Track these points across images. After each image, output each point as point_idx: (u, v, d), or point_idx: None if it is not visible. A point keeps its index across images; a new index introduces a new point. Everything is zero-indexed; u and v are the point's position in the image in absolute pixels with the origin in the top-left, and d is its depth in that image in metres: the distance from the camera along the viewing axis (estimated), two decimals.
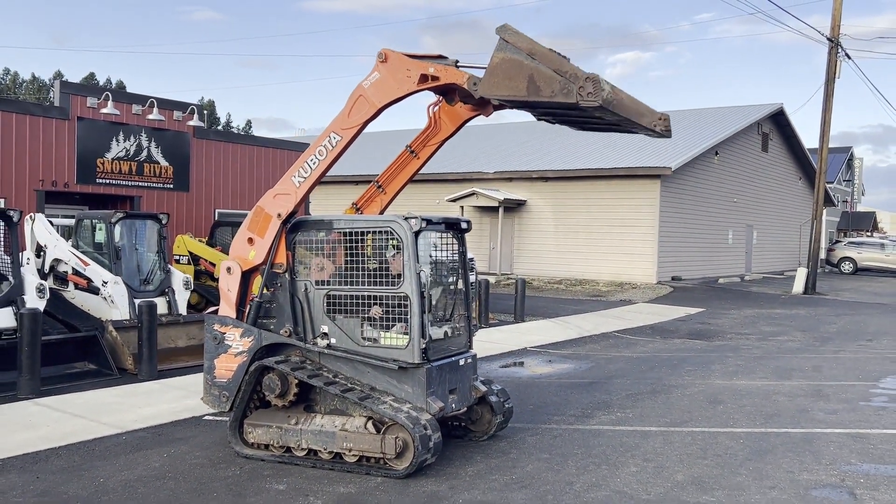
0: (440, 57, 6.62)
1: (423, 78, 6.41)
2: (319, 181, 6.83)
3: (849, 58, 24.69)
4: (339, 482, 6.06)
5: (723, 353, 12.99)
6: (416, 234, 6.35)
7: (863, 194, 62.38)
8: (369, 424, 6.25)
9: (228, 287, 7.00)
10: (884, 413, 8.69)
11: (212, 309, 8.05)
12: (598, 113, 5.96)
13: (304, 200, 6.79)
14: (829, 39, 24.30)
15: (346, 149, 6.74)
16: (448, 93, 6.86)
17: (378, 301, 6.47)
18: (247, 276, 7.03)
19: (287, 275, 6.77)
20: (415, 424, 6.05)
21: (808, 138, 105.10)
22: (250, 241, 6.90)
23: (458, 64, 6.49)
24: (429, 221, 6.54)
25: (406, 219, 6.37)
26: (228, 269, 7.01)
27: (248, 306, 6.96)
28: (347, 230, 6.68)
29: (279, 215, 6.74)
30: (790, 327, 16.61)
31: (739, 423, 8.15)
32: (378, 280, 6.49)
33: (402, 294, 6.32)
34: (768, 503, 5.75)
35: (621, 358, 12.34)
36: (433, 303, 6.88)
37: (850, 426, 8.07)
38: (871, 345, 14.15)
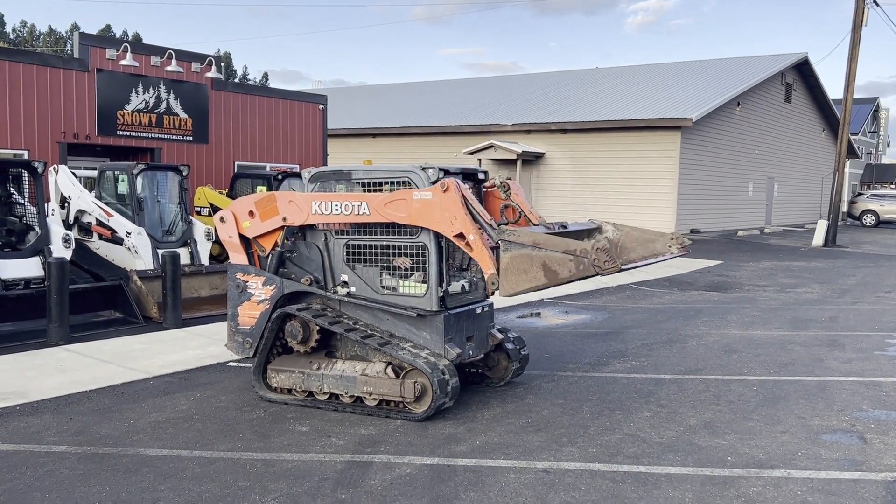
0: (493, 227, 6.19)
1: (461, 236, 6.15)
2: (328, 223, 6.77)
3: (876, 4, 24.08)
4: (359, 424, 6.25)
5: (740, 304, 13.04)
6: (434, 184, 6.41)
7: (888, 146, 61.32)
8: (389, 369, 6.42)
9: (229, 234, 7.18)
10: None
11: None
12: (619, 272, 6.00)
13: (310, 227, 6.85)
14: None
15: (367, 224, 6.61)
16: None
17: (398, 251, 6.58)
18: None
19: (272, 258, 6.98)
20: (433, 369, 6.21)
21: (833, 89, 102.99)
22: (251, 213, 7.04)
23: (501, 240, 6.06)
24: (446, 171, 6.60)
25: (424, 169, 6.43)
26: (222, 219, 7.19)
27: (269, 256, 7.11)
28: (366, 180, 6.76)
29: (284, 219, 6.87)
30: (808, 279, 16.60)
31: (753, 372, 8.26)
32: (396, 230, 6.59)
33: (420, 244, 6.42)
34: (779, 447, 5.88)
35: (638, 309, 12.44)
36: (451, 253, 6.99)
37: (864, 374, 8.16)
38: (890, 296, 14.14)
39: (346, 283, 6.76)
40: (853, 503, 4.88)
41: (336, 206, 6.60)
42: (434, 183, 6.41)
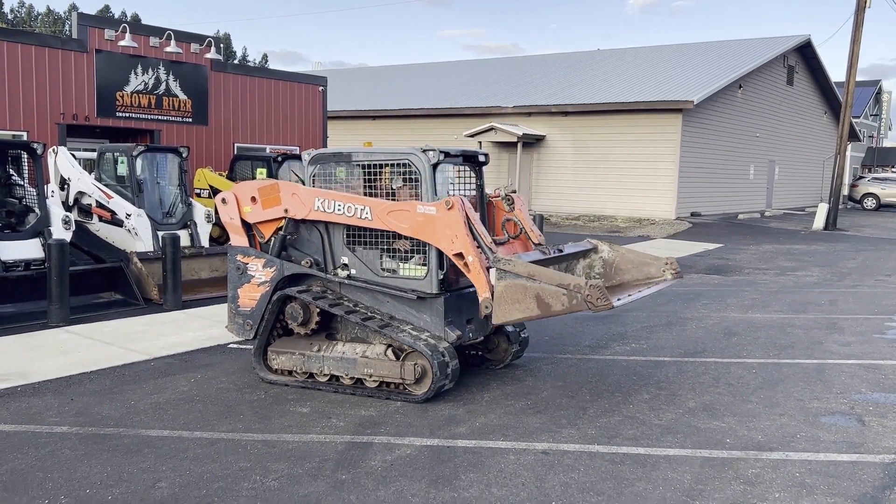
0: (492, 250, 6.18)
1: (460, 255, 6.13)
2: (328, 221, 6.76)
3: None
4: (360, 406, 6.28)
5: (739, 287, 13.05)
6: (434, 166, 6.41)
7: (890, 129, 61.14)
8: (389, 351, 6.44)
9: (230, 216, 7.18)
10: None
11: None
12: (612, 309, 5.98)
13: (310, 221, 6.83)
14: None
15: (367, 228, 6.61)
16: None
17: (398, 233, 6.57)
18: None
19: (274, 242, 6.99)
20: (433, 351, 6.23)
21: (836, 72, 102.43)
22: (253, 199, 7.03)
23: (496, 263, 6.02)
24: (447, 154, 6.59)
25: (424, 151, 6.41)
26: (224, 200, 7.19)
27: (271, 240, 7.11)
28: (366, 163, 6.74)
29: (286, 210, 6.86)
30: (808, 262, 16.60)
31: (753, 354, 8.28)
32: None
33: None
34: (777, 429, 5.91)
35: None
36: None
37: (863, 357, 8.18)
38: (890, 280, 14.14)
39: (346, 265, 6.77)
40: (851, 485, 4.90)
41: (339, 206, 6.60)
42: (435, 166, 6.40)
